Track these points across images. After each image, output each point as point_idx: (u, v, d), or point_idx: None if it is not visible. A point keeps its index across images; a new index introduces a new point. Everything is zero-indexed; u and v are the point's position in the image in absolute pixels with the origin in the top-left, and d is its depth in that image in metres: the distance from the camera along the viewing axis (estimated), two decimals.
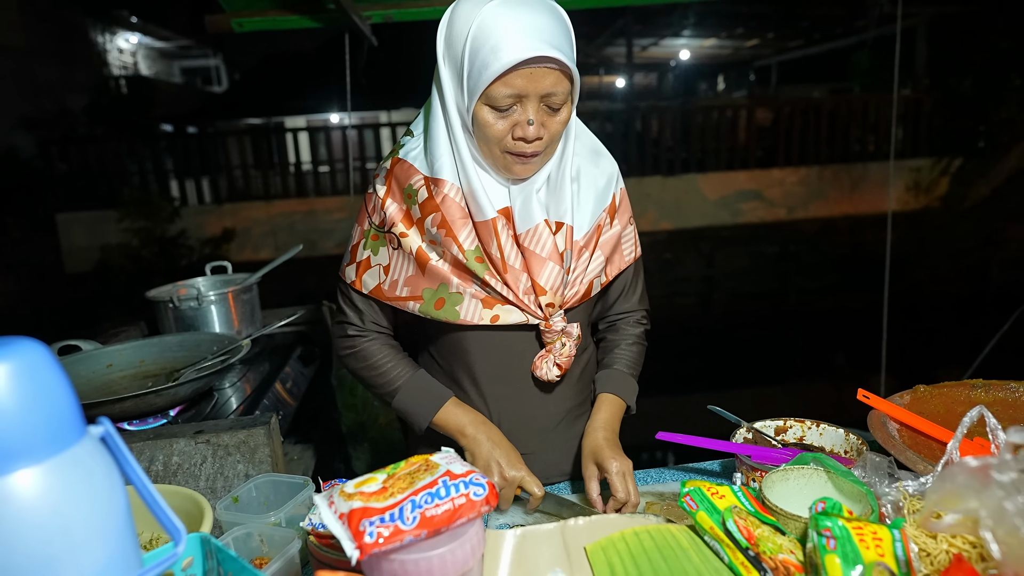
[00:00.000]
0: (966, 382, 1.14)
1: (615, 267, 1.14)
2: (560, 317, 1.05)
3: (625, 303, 1.22)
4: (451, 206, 1.02)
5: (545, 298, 1.03)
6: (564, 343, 1.06)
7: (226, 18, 2.29)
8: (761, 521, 0.73)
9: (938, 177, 8.52)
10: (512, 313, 1.04)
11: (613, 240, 1.12)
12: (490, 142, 0.99)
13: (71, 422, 0.49)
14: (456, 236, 1.01)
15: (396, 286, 1.06)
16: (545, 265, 1.02)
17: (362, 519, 0.61)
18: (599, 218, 1.09)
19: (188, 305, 1.64)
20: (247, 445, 1.12)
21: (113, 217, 7.72)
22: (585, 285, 1.08)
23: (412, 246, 1.05)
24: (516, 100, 0.95)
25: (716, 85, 16.22)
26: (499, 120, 0.97)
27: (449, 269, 1.04)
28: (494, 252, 1.01)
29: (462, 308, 1.04)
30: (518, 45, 0.91)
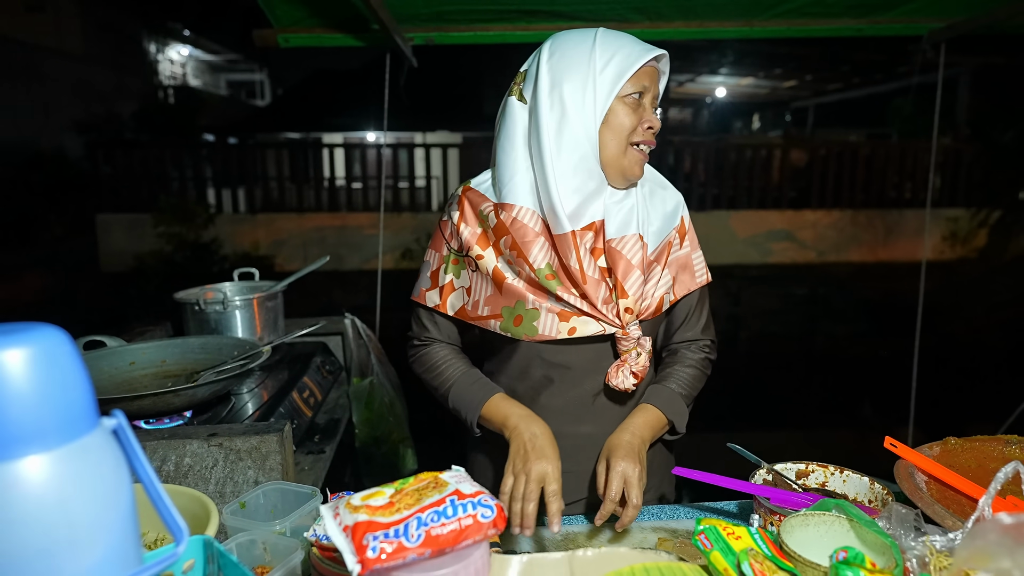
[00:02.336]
0: (1000, 437, 1.09)
1: (683, 287, 1.17)
2: (636, 327, 1.08)
3: (688, 331, 1.22)
4: (520, 228, 1.08)
5: (626, 302, 1.06)
6: (639, 352, 1.08)
7: (273, 33, 2.36)
8: (777, 566, 0.70)
9: (976, 228, 8.34)
10: (589, 324, 1.07)
11: (682, 260, 1.17)
12: (621, 136, 1.07)
13: (84, 412, 0.49)
14: (526, 256, 1.07)
15: (478, 306, 1.12)
16: (632, 272, 1.07)
17: (366, 533, 0.60)
18: (668, 236, 1.15)
19: (213, 309, 1.66)
20: (259, 451, 1.12)
21: (149, 221, 7.94)
22: (657, 299, 1.11)
23: (489, 266, 1.11)
24: (641, 95, 1.08)
25: (751, 124, 16.20)
26: (631, 115, 1.07)
27: (524, 286, 1.09)
28: (573, 264, 1.05)
29: (539, 323, 1.08)
30: (640, 48, 1.07)
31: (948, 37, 2.33)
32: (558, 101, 1.06)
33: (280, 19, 2.29)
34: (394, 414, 1.91)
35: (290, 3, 2.17)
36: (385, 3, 2.08)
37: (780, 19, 2.33)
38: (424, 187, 9.52)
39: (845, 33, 2.41)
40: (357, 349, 2.04)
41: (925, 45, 2.42)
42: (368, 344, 2.02)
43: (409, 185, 9.25)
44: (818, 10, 2.24)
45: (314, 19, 2.30)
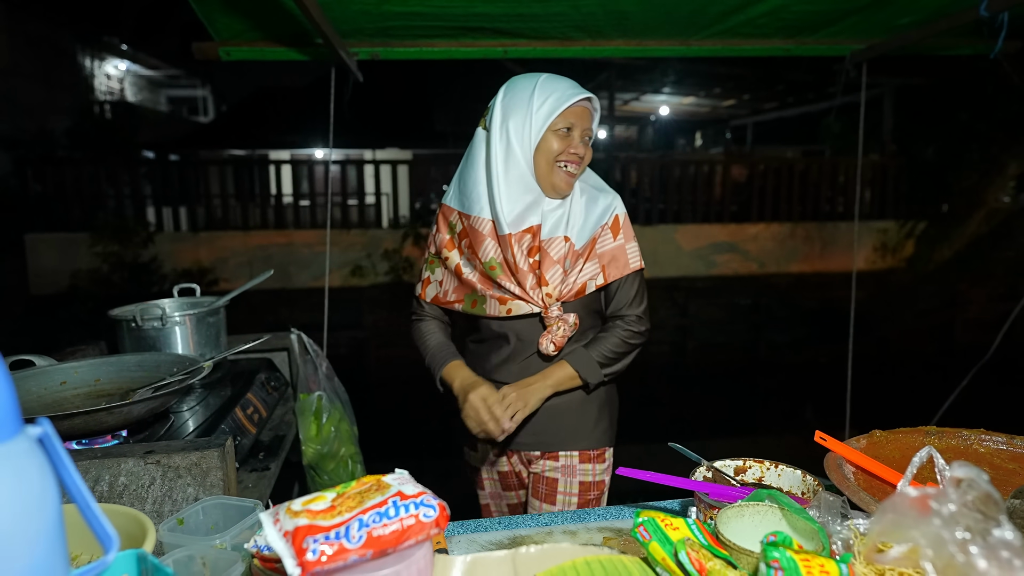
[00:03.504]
0: (920, 428, 1.16)
1: (613, 272, 1.43)
2: (557, 307, 1.39)
3: (617, 306, 1.47)
4: (476, 233, 1.41)
5: (547, 288, 1.38)
6: (560, 327, 1.38)
7: (214, 46, 2.32)
8: (714, 555, 0.73)
9: (904, 239, 8.81)
10: (521, 306, 1.40)
11: (612, 251, 1.43)
12: (550, 158, 1.38)
13: (4, 417, 0.47)
14: (477, 252, 1.41)
15: (447, 294, 1.49)
16: (553, 266, 1.38)
17: (306, 536, 0.60)
18: (595, 232, 1.42)
19: (151, 325, 1.61)
20: (199, 468, 1.09)
21: (84, 240, 7.60)
22: (579, 285, 1.40)
23: (452, 264, 1.47)
24: (568, 130, 1.38)
25: (694, 141, 16.74)
26: (559, 142, 1.37)
27: (477, 279, 1.43)
28: (509, 258, 1.38)
29: (487, 306, 1.43)
30: (572, 91, 1.38)
31: (868, 58, 2.48)
32: (505, 133, 1.37)
33: (220, 32, 2.26)
34: (342, 430, 1.88)
35: (230, 16, 2.14)
36: (328, 17, 2.08)
37: (715, 39, 2.44)
38: (374, 204, 9.44)
39: (775, 53, 2.54)
40: (303, 364, 2.01)
41: (848, 65, 2.57)
42: (315, 359, 1.99)
43: (359, 202, 9.15)
44: (750, 31, 2.36)
45: (256, 32, 2.28)
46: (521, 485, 1.57)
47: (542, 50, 2.50)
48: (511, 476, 1.56)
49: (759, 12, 2.18)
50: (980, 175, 8.12)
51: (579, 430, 1.48)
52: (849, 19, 2.26)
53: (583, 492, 1.49)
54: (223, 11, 2.10)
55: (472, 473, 1.62)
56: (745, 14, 2.20)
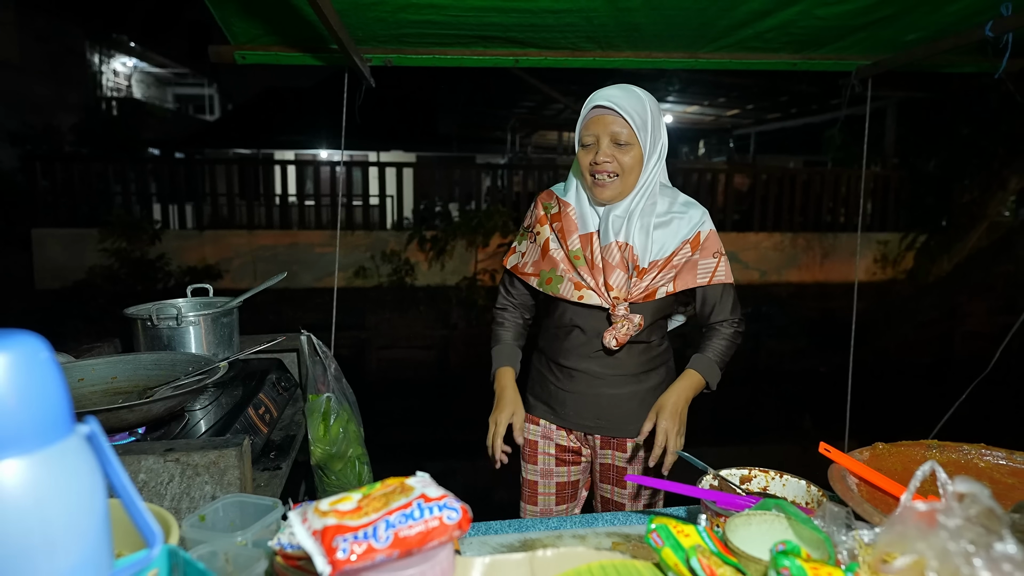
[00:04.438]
0: (922, 442, 1.19)
1: (682, 283, 1.52)
2: (624, 307, 1.48)
3: (718, 315, 1.58)
4: (568, 220, 1.56)
5: (612, 292, 1.48)
6: (624, 325, 1.47)
7: (230, 50, 2.35)
8: (723, 561, 0.75)
9: (904, 251, 8.84)
10: (593, 296, 1.50)
11: (687, 264, 1.53)
12: (582, 171, 1.49)
13: (61, 417, 0.50)
14: (566, 240, 1.55)
15: (526, 265, 1.62)
16: (614, 272, 1.49)
17: (335, 536, 0.62)
18: (675, 247, 1.51)
19: (166, 324, 1.64)
20: (217, 466, 1.11)
21: (91, 236, 7.63)
22: (650, 290, 1.50)
23: (542, 239, 1.59)
24: (594, 139, 1.46)
25: (697, 149, 16.78)
26: (585, 154, 1.48)
27: (560, 259, 1.55)
28: (587, 255, 1.52)
29: (562, 287, 1.53)
30: (591, 102, 1.48)
31: (874, 73, 2.51)
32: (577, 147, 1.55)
33: (237, 36, 2.29)
34: (350, 431, 1.90)
35: (248, 20, 2.17)
36: (344, 24, 2.11)
37: (723, 52, 2.47)
38: (378, 205, 9.47)
39: (782, 67, 2.57)
40: (312, 366, 2.03)
41: (854, 80, 2.60)
42: (324, 361, 2.01)
43: (363, 203, 9.18)
44: (757, 45, 2.39)
45: (272, 37, 2.31)
46: (575, 462, 1.67)
47: (553, 60, 2.53)
48: (567, 451, 1.65)
49: (767, 26, 2.21)
50: (981, 189, 8.15)
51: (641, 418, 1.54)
52: (856, 35, 2.29)
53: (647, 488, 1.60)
54: (240, 16, 2.14)
55: (526, 446, 1.69)
56: (753, 28, 2.23)
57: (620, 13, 2.10)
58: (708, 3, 2.02)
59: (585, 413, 1.60)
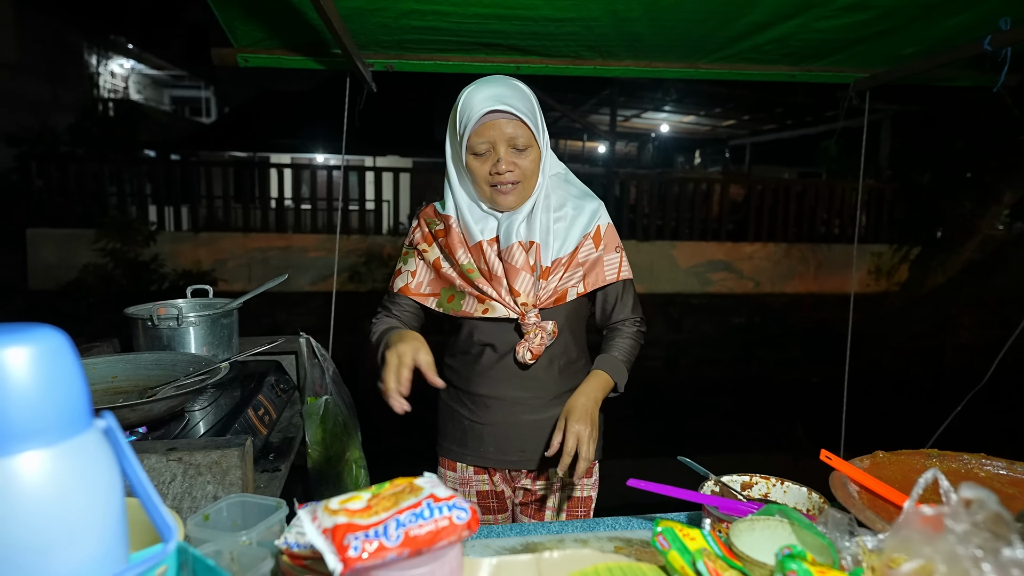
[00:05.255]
0: (922, 451, 1.20)
1: (592, 282, 1.41)
2: (534, 314, 1.35)
3: (620, 313, 1.48)
4: (452, 234, 1.40)
5: (520, 298, 1.34)
6: (537, 334, 1.34)
7: (233, 52, 2.35)
8: (729, 565, 0.76)
9: (898, 263, 8.91)
10: (498, 308, 1.36)
11: (592, 261, 1.41)
12: (478, 181, 1.34)
13: (81, 411, 0.50)
14: (454, 255, 1.39)
15: (421, 286, 1.45)
16: (519, 274, 1.34)
17: (347, 534, 0.62)
18: (578, 242, 1.40)
19: (167, 325, 1.63)
20: (219, 466, 1.11)
21: (85, 236, 7.59)
22: (559, 291, 1.37)
23: (431, 258, 1.43)
24: (490, 146, 1.31)
25: (693, 159, 16.89)
26: (482, 164, 1.32)
27: (456, 274, 1.40)
28: (482, 266, 1.37)
29: (464, 303, 1.39)
30: (481, 106, 1.29)
31: (872, 86, 2.54)
32: (448, 153, 1.39)
33: (240, 39, 2.29)
34: (348, 434, 1.90)
35: (251, 23, 2.18)
36: (348, 29, 2.12)
37: (722, 62, 2.50)
38: (374, 210, 9.48)
39: (780, 78, 2.60)
40: (311, 369, 2.02)
41: (852, 92, 2.63)
42: (323, 364, 2.01)
43: (359, 208, 9.18)
44: (756, 56, 2.41)
45: (275, 40, 2.31)
46: (502, 508, 1.50)
47: (553, 68, 2.55)
48: (491, 497, 1.49)
49: (766, 39, 2.24)
50: (975, 203, 8.23)
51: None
52: (854, 48, 2.32)
53: (571, 508, 1.47)
54: (244, 19, 2.14)
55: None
56: (752, 40, 2.26)
57: (621, 23, 2.12)
58: (708, 15, 2.04)
59: (507, 447, 1.43)
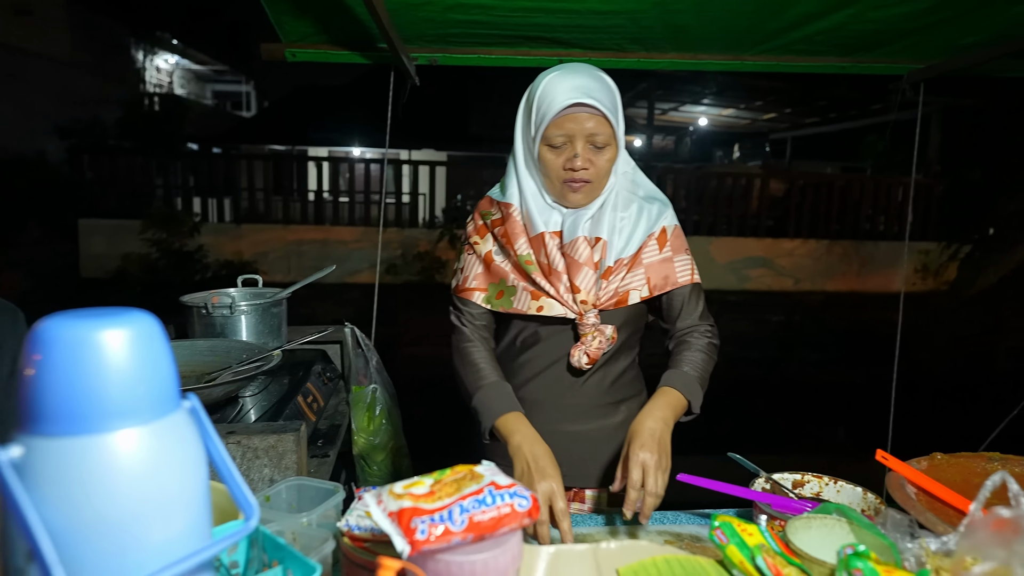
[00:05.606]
0: (983, 454, 1.17)
1: (658, 286, 1.30)
2: (594, 315, 1.25)
3: (687, 319, 1.34)
4: (512, 223, 1.30)
5: (580, 295, 1.24)
6: (595, 337, 1.24)
7: (281, 48, 2.40)
8: (788, 562, 0.75)
9: (946, 262, 8.62)
10: (554, 306, 1.25)
11: (658, 263, 1.31)
12: (550, 175, 1.25)
13: (171, 391, 0.53)
14: (512, 245, 1.29)
15: (467, 280, 1.34)
16: (581, 269, 1.24)
17: (413, 517, 0.64)
18: (642, 242, 1.30)
19: (220, 313, 1.68)
20: (276, 450, 1.14)
21: (133, 227, 7.85)
22: (620, 293, 1.27)
23: (482, 251, 1.33)
24: (567, 139, 1.21)
25: (731, 153, 16.59)
26: (556, 157, 1.23)
27: (509, 268, 1.30)
28: (542, 259, 1.27)
29: (515, 298, 1.28)
30: (564, 97, 1.19)
31: (926, 78, 2.46)
32: (518, 139, 1.30)
33: (289, 34, 2.34)
34: (392, 422, 1.93)
35: (300, 19, 2.22)
36: (394, 23, 2.14)
37: (769, 54, 2.44)
38: (409, 203, 9.57)
39: (829, 70, 2.53)
40: (355, 358, 2.06)
41: (905, 85, 2.55)
42: (367, 353, 2.05)
43: (396, 201, 9.30)
44: (805, 47, 2.36)
45: (322, 35, 2.35)
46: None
47: (596, 61, 2.51)
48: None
49: (816, 29, 2.18)
50: None
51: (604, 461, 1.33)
52: (910, 38, 2.24)
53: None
54: (293, 15, 2.18)
55: None
56: (802, 31, 2.20)
57: (668, 15, 2.10)
58: (758, 6, 2.00)
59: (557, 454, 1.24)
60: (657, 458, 1.07)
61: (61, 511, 0.46)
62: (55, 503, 0.46)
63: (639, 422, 1.13)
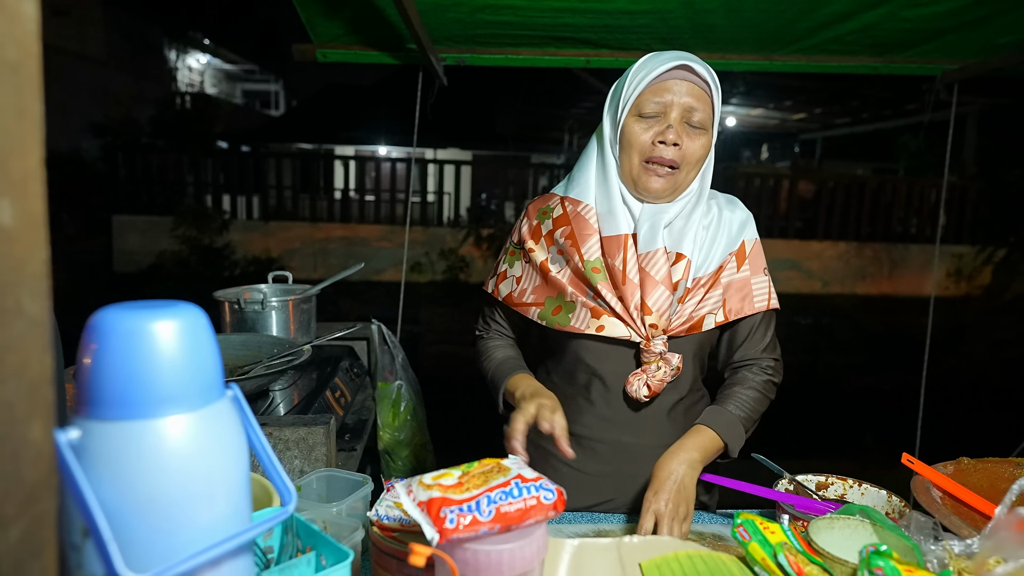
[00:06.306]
0: (1011, 459, 1.15)
1: (735, 310, 1.16)
2: (662, 341, 1.09)
3: (749, 349, 1.20)
4: (581, 222, 1.15)
5: (650, 318, 1.08)
6: (660, 367, 1.09)
7: (312, 48, 2.45)
8: (809, 561, 0.76)
9: (980, 266, 8.41)
10: (617, 327, 1.10)
11: (737, 284, 1.17)
12: (632, 151, 1.10)
13: (216, 380, 0.55)
14: (579, 247, 1.13)
15: (524, 293, 1.20)
16: (656, 288, 1.09)
17: (442, 507, 0.66)
18: (723, 260, 1.16)
19: (252, 308, 1.73)
20: (306, 442, 1.17)
21: (165, 223, 8.04)
22: (695, 318, 1.12)
23: (538, 259, 1.18)
24: (662, 109, 1.08)
25: (760, 153, 16.37)
26: (645, 130, 1.08)
27: (567, 280, 1.14)
28: (616, 264, 1.10)
29: (573, 316, 1.13)
30: (667, 61, 1.06)
31: (961, 78, 2.42)
32: (605, 125, 1.16)
33: (320, 35, 2.39)
34: (416, 419, 1.97)
35: (332, 21, 2.26)
36: (424, 24, 2.17)
37: (799, 54, 2.42)
38: (435, 202, 9.65)
39: (861, 70, 2.50)
40: (381, 354, 2.10)
41: (939, 85, 2.51)
42: (392, 350, 2.08)
43: (421, 200, 9.38)
44: (837, 47, 2.33)
45: (353, 36, 2.39)
46: None
47: (624, 61, 2.53)
48: None
49: (848, 29, 2.16)
50: None
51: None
52: (944, 38, 2.21)
53: None
54: (325, 16, 2.23)
55: None
56: (834, 31, 2.18)
57: (697, 15, 2.09)
58: (788, 5, 1.99)
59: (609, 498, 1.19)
60: (673, 506, 0.97)
61: (115, 491, 0.49)
62: (109, 483, 0.49)
63: (660, 463, 1.03)
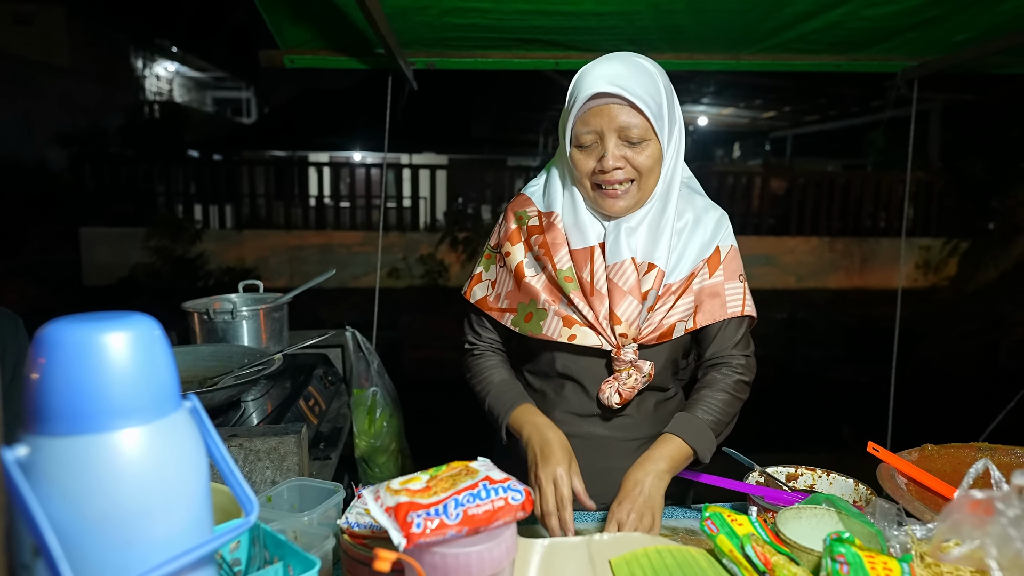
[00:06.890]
0: (972, 444, 1.18)
1: (706, 316, 1.16)
2: (632, 350, 1.11)
3: (720, 346, 1.19)
4: (554, 231, 1.16)
5: (620, 328, 1.10)
6: (631, 375, 1.12)
7: (279, 54, 2.43)
8: (776, 551, 0.77)
9: (947, 257, 8.63)
10: (588, 335, 1.12)
11: (709, 290, 1.16)
12: (580, 179, 1.12)
13: (172, 392, 0.54)
14: (552, 256, 1.14)
15: (499, 299, 1.21)
16: (625, 298, 1.10)
17: (409, 511, 0.66)
18: (695, 266, 1.16)
19: (222, 318, 1.70)
20: (277, 452, 1.16)
21: (135, 235, 7.90)
22: (665, 326, 1.13)
23: (514, 263, 1.19)
24: (596, 137, 1.08)
25: (732, 152, 16.60)
26: (586, 158, 1.10)
27: (542, 286, 1.16)
28: (585, 276, 1.12)
29: (545, 323, 1.14)
30: (588, 87, 1.05)
31: (921, 75, 2.48)
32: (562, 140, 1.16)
33: (287, 41, 2.36)
34: (393, 425, 1.95)
35: (298, 26, 2.24)
36: (392, 28, 2.16)
37: (765, 53, 2.46)
38: (411, 207, 9.61)
39: (825, 68, 2.55)
40: (356, 361, 2.09)
41: (899, 82, 2.57)
42: (368, 356, 2.07)
43: (397, 205, 9.34)
44: (801, 46, 2.37)
45: (320, 41, 2.38)
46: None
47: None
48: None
49: (811, 28, 2.20)
50: None
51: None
52: (903, 36, 2.26)
53: None
54: (292, 21, 2.21)
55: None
56: (797, 30, 2.22)
57: (663, 16, 2.12)
58: (752, 5, 2.02)
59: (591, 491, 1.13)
60: (637, 516, 0.97)
61: (66, 508, 0.48)
62: (60, 500, 0.48)
63: (628, 474, 1.04)
